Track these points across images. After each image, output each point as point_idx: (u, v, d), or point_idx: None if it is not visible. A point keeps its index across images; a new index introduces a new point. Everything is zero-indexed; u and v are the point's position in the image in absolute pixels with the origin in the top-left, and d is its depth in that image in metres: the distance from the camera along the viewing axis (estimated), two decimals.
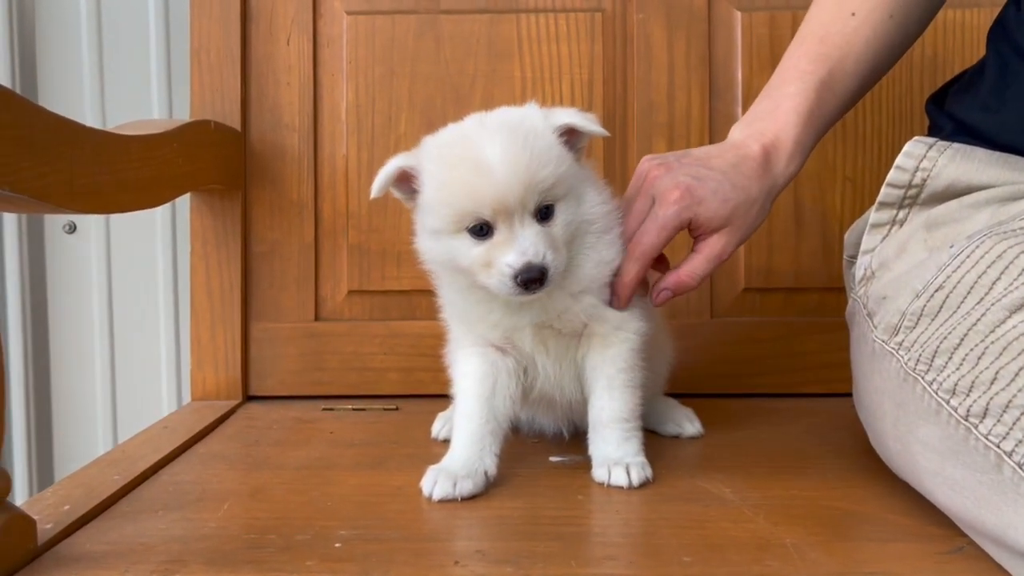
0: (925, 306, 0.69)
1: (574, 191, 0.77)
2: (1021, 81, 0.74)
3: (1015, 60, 0.76)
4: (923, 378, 0.66)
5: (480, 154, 0.73)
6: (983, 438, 0.59)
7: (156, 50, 1.45)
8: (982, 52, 0.82)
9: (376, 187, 0.78)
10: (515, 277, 0.72)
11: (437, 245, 0.77)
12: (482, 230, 0.74)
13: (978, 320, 0.62)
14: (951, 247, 0.69)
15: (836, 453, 0.88)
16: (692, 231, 0.82)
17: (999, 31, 0.79)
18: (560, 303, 0.79)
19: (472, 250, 0.74)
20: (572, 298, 0.79)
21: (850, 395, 0.89)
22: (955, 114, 0.79)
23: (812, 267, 1.15)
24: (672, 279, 0.82)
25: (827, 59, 0.84)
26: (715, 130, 1.15)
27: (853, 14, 0.84)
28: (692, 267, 0.81)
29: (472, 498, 0.75)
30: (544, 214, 0.75)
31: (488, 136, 0.74)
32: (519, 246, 0.72)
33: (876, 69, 0.87)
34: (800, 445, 0.92)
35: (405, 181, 0.78)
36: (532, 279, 0.72)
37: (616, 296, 0.80)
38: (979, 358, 0.61)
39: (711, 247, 0.81)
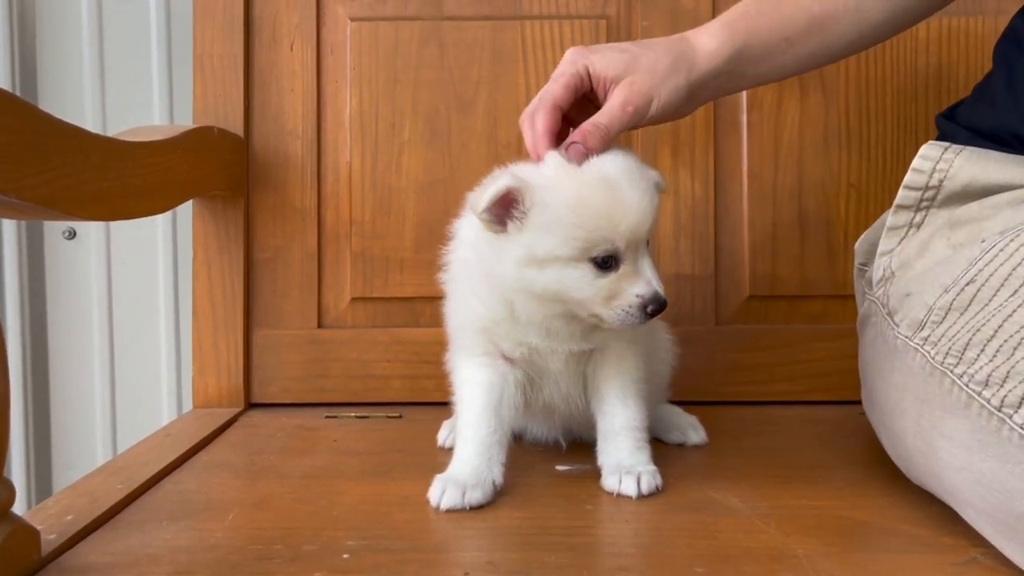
0: (954, 300, 0.68)
1: None
2: None
3: (1022, 63, 0.75)
4: (952, 371, 0.65)
5: (617, 182, 0.72)
6: (1018, 428, 0.59)
7: (157, 55, 1.44)
8: (986, 60, 0.82)
9: (486, 201, 0.72)
10: (644, 307, 0.72)
11: (543, 274, 0.72)
12: (607, 262, 0.72)
13: (1013, 312, 0.62)
14: (982, 241, 0.69)
15: (844, 462, 0.87)
16: (598, 86, 0.81)
17: (1007, 42, 0.79)
18: (596, 330, 0.79)
19: (596, 282, 0.72)
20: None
21: (857, 403, 0.89)
22: (968, 122, 0.79)
23: (817, 274, 1.14)
24: (578, 132, 0.77)
25: None
26: (720, 138, 1.15)
27: None
28: (594, 117, 0.79)
29: (480, 508, 0.74)
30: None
31: (616, 166, 0.73)
32: (646, 277, 0.73)
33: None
34: (807, 453, 0.91)
35: (503, 203, 0.73)
36: (659, 309, 0.72)
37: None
38: (1014, 349, 0.61)
39: (614, 96, 0.79)
